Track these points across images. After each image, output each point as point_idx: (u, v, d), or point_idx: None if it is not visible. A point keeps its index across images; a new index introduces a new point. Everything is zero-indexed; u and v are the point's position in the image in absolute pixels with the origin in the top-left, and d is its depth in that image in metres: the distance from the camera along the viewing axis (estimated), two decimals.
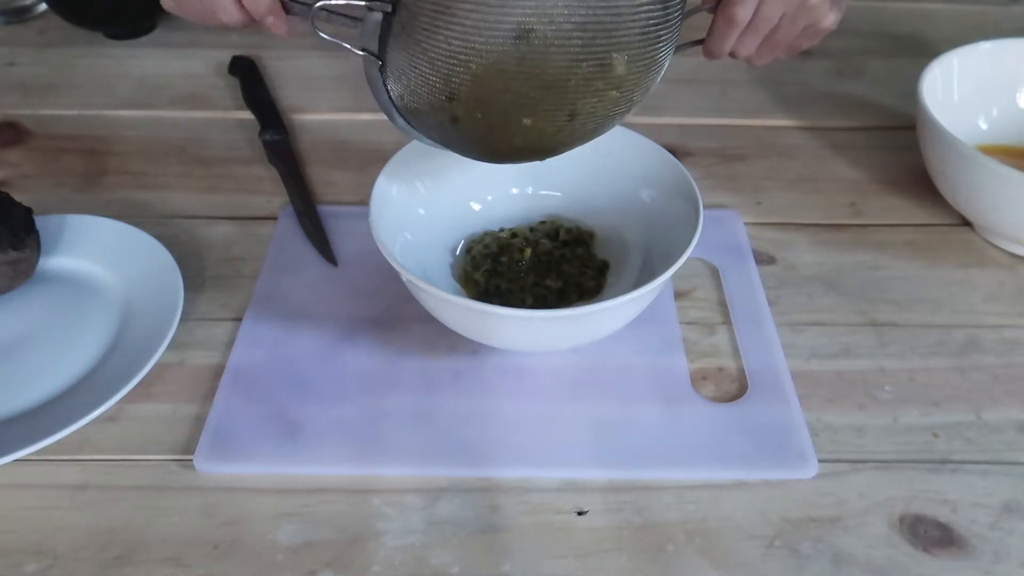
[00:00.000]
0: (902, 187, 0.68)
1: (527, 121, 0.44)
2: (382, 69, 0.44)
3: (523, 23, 0.40)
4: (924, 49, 0.82)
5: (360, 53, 0.44)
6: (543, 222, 0.59)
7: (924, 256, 0.62)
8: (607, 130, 0.48)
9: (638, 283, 0.50)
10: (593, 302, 0.50)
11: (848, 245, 0.63)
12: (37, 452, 0.47)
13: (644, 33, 0.43)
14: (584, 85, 0.43)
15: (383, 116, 0.47)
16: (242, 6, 0.48)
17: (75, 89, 0.79)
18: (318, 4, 0.44)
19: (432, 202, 0.56)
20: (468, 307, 0.46)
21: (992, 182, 0.57)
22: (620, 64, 0.43)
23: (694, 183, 0.52)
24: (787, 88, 0.80)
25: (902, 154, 0.71)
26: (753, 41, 0.50)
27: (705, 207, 0.51)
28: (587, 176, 0.58)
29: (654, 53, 0.44)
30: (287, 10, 0.48)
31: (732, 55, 0.51)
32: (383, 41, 0.43)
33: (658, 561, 0.44)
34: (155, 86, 0.79)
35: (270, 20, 0.47)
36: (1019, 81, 0.69)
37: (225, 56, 0.81)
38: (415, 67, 0.42)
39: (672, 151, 0.56)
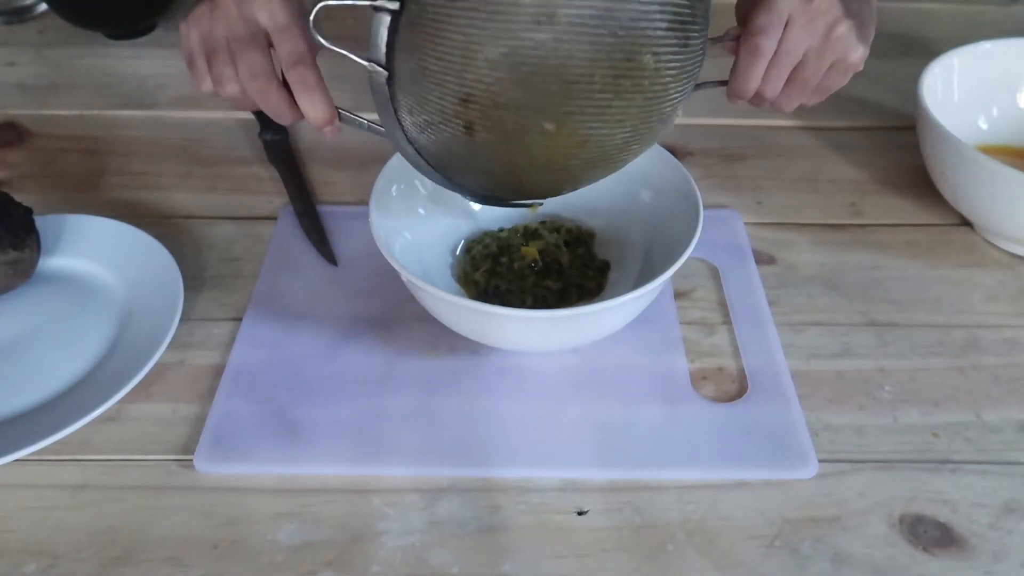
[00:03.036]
0: (902, 187, 0.68)
1: (549, 126, 0.40)
2: (389, 81, 0.41)
3: (545, 5, 0.37)
4: (924, 49, 0.82)
5: (365, 63, 0.41)
6: (543, 222, 0.59)
7: (924, 256, 0.62)
8: (634, 154, 0.45)
9: (638, 283, 0.50)
10: (593, 302, 0.50)
11: (848, 245, 0.63)
12: (37, 452, 0.47)
13: (671, 30, 0.40)
14: (611, 84, 0.39)
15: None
16: (296, 112, 0.47)
17: (75, 89, 0.79)
18: (320, 4, 0.41)
19: (432, 202, 0.56)
20: (468, 307, 0.46)
21: (992, 182, 0.57)
22: (649, 61, 0.40)
23: (694, 183, 0.52)
24: None
25: (902, 154, 0.71)
26: (779, 77, 0.47)
27: (705, 207, 0.51)
28: None
29: (682, 59, 0.41)
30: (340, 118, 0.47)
31: (758, 97, 0.49)
32: (390, 46, 0.40)
33: (658, 561, 0.44)
34: (155, 86, 0.79)
35: (328, 130, 0.46)
36: (1019, 81, 0.69)
37: None
38: (425, 67, 0.39)
39: (672, 151, 0.56)
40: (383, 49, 0.40)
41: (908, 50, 0.86)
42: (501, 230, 0.58)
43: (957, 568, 0.44)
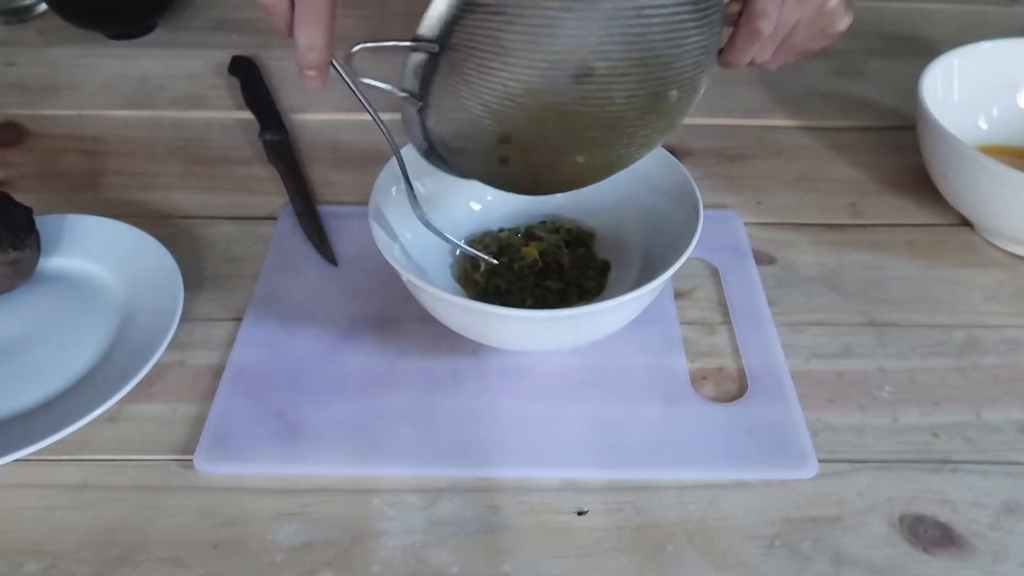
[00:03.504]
0: (902, 187, 0.68)
1: (581, 159, 0.44)
2: (422, 110, 0.43)
3: (584, 61, 0.39)
4: (924, 49, 0.82)
5: (400, 94, 0.42)
6: (543, 222, 0.59)
7: (924, 256, 0.62)
8: (646, 154, 0.48)
9: (638, 283, 0.50)
10: (593, 302, 0.50)
11: (848, 245, 0.63)
12: (37, 452, 0.47)
13: (696, 63, 0.42)
14: (639, 119, 0.42)
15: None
16: (289, 32, 0.42)
17: (75, 89, 0.79)
18: (358, 46, 0.41)
19: (432, 202, 0.56)
20: (468, 307, 0.46)
21: (992, 182, 0.57)
22: (675, 95, 0.42)
23: (694, 183, 0.52)
24: (787, 88, 0.80)
25: (902, 154, 0.71)
26: (770, 48, 0.49)
27: (705, 207, 0.51)
28: None
29: (701, 79, 0.44)
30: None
31: (749, 63, 0.50)
32: (426, 82, 0.41)
33: (658, 561, 0.44)
34: (155, 86, 0.79)
35: (311, 75, 0.42)
36: (1019, 81, 0.69)
37: (225, 56, 0.81)
38: (465, 110, 0.41)
39: (672, 151, 0.56)
40: (418, 83, 0.41)
41: (908, 50, 0.86)
42: (501, 230, 0.58)
43: (957, 568, 0.44)
